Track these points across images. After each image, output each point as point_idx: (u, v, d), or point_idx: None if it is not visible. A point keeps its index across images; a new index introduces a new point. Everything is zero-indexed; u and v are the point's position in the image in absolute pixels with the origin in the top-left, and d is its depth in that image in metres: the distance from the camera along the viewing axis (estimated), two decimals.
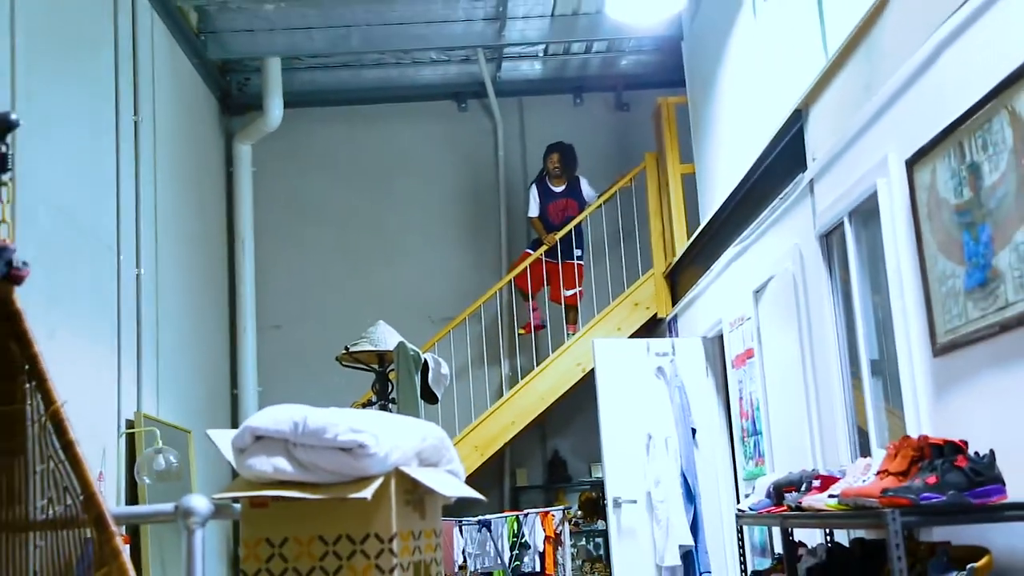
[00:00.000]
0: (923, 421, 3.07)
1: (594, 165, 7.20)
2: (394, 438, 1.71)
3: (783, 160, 4.30)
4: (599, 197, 7.01)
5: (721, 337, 5.52)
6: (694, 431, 5.79)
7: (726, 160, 5.48)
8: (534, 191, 6.91)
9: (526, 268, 6.78)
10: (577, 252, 6.93)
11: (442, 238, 7.73)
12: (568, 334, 6.86)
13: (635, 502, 5.59)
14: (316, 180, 7.75)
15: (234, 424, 7.08)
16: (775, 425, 4.56)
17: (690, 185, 6.38)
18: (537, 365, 6.81)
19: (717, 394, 5.85)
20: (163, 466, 4.78)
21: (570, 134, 7.56)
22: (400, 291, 7.58)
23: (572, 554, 6.22)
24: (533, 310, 6.77)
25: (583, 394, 6.70)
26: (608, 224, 7.02)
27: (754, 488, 3.75)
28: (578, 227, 6.89)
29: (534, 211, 6.97)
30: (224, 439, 1.88)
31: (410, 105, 7.83)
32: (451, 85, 7.74)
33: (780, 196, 4.29)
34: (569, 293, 6.86)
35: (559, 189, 6.95)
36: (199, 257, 6.72)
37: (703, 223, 5.70)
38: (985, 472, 2.45)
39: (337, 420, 1.70)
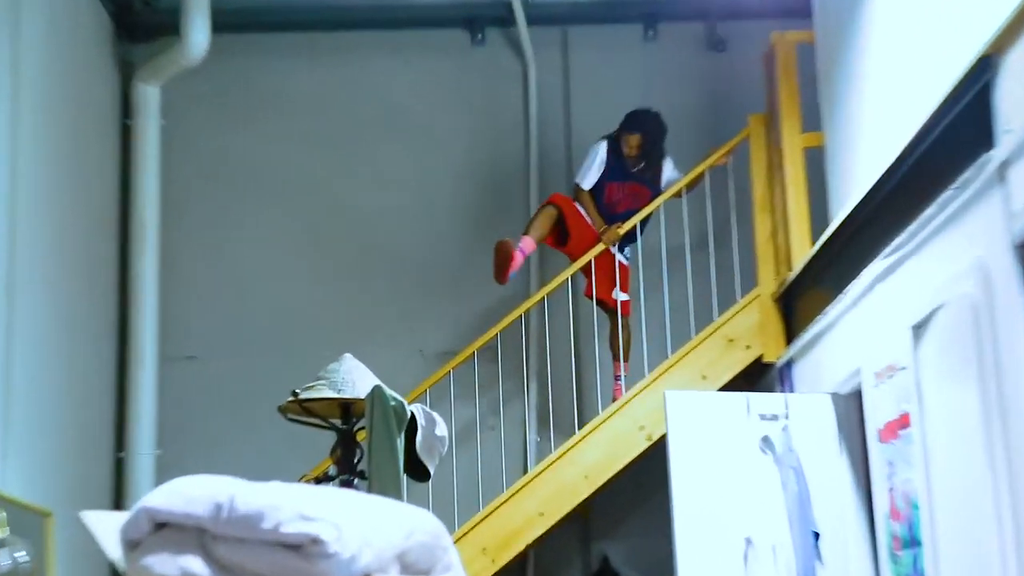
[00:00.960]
0: None
1: (672, 131, 7.27)
2: (365, 531, 1.74)
3: (960, 132, 4.29)
4: (682, 178, 7.10)
5: (860, 395, 5.51)
6: (817, 536, 5.81)
7: (872, 129, 5.50)
8: (602, 151, 7.03)
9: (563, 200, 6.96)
10: (625, 250, 7.06)
11: (444, 232, 7.84)
12: (617, 380, 6.94)
13: None
14: (257, 141, 7.86)
15: (119, 504, 7.16)
16: (945, 532, 4.51)
17: (816, 165, 6.41)
18: (580, 427, 6.86)
19: (854, 481, 5.84)
20: (7, 565, 4.78)
21: (637, 83, 7.61)
22: (379, 310, 7.70)
23: None
24: (520, 249, 6.79)
25: (647, 474, 6.75)
26: (692, 220, 7.05)
27: None
28: (640, 222, 7.01)
29: (588, 182, 7.07)
30: (106, 526, 1.87)
31: (401, 34, 7.93)
32: (463, 6, 7.86)
33: (954, 185, 4.27)
34: (623, 297, 6.98)
35: (634, 168, 7.09)
36: (74, 255, 6.81)
37: (835, 222, 5.71)
38: None
39: (280, 502, 1.72)
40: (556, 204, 6.94)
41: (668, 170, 7.10)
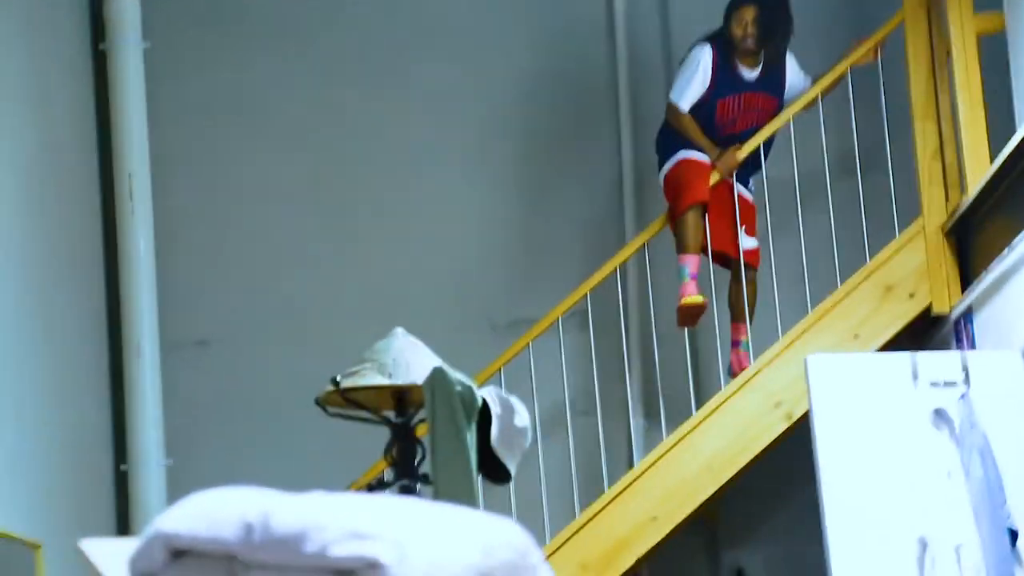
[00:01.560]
0: None
1: (807, 20, 7.18)
2: (432, 550, 1.76)
3: None
4: (814, 85, 7.04)
5: None
6: (1014, 535, 5.76)
7: None
8: (704, 58, 6.95)
9: (690, 185, 6.89)
10: (748, 183, 7.08)
11: (507, 170, 7.85)
12: (742, 345, 6.95)
13: None
14: (268, 67, 7.86)
15: (125, 528, 7.25)
16: None
17: (995, 56, 6.33)
18: (698, 407, 6.87)
19: None
20: None
21: None
22: (431, 274, 7.72)
23: None
24: (691, 277, 6.87)
25: (788, 462, 6.69)
26: (833, 136, 7.01)
27: None
28: (765, 142, 6.99)
29: (688, 100, 7.00)
30: (110, 557, 1.91)
31: None
32: None
33: None
34: (750, 244, 6.98)
35: (751, 74, 7.02)
36: (46, 224, 6.82)
37: (1022, 132, 5.67)
38: None
39: (325, 518, 1.74)
40: (699, 203, 6.86)
41: (794, 71, 7.06)
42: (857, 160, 6.94)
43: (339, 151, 7.83)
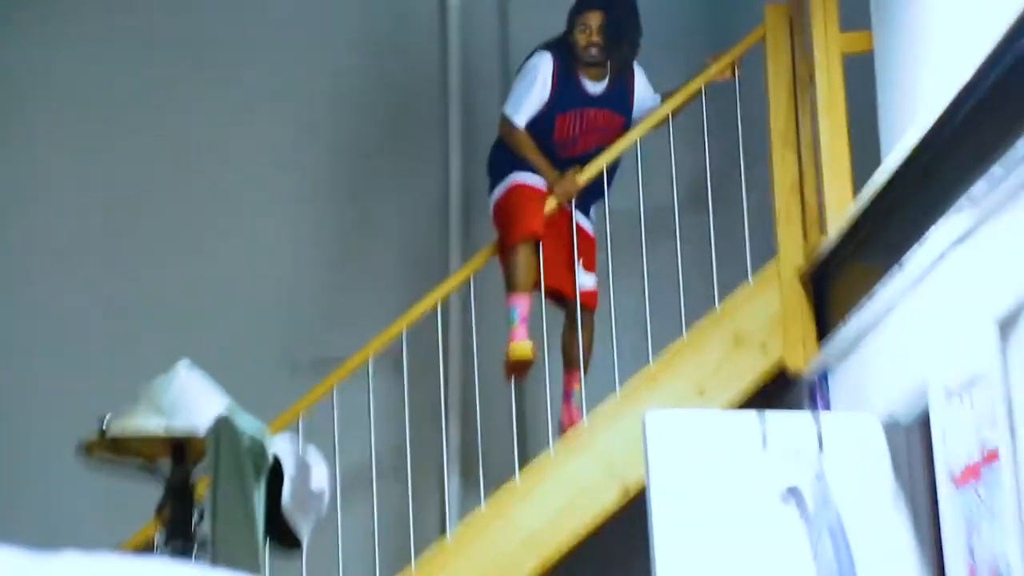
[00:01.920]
0: None
1: (657, 33, 7.27)
2: None
3: None
4: (664, 102, 7.13)
5: (926, 420, 5.52)
6: None
7: (946, 26, 5.49)
8: (544, 66, 7.02)
9: (522, 215, 6.93)
10: (589, 212, 7.14)
11: (319, 188, 7.94)
12: (575, 397, 7.01)
13: None
14: (56, 53, 7.88)
15: None
16: None
17: (861, 78, 6.44)
18: (522, 469, 6.86)
19: (917, 544, 5.86)
20: None
21: None
22: (225, 300, 7.77)
23: None
24: (521, 320, 6.91)
25: (623, 537, 6.77)
26: (683, 163, 7.07)
27: None
28: (609, 166, 7.05)
29: (524, 115, 7.02)
30: None
31: None
32: None
33: None
34: (589, 283, 7.02)
35: (595, 88, 7.09)
36: None
37: (889, 163, 5.71)
38: None
39: None
40: (532, 235, 6.89)
41: (642, 85, 7.14)
42: (709, 191, 7.03)
43: (130, 154, 7.86)
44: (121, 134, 7.82)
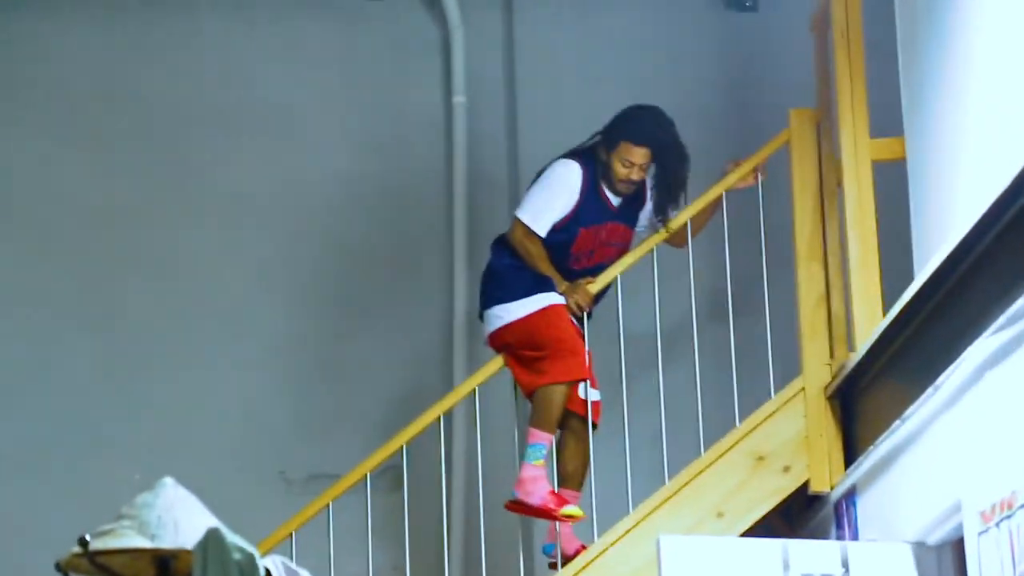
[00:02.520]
0: None
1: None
2: None
3: None
4: (685, 210, 7.10)
5: (959, 543, 5.49)
6: None
7: (982, 132, 5.49)
8: (573, 180, 6.99)
9: (571, 350, 6.88)
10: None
11: (315, 296, 7.95)
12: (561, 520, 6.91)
13: None
14: (24, 142, 7.90)
15: None
16: None
17: (891, 186, 6.48)
18: None
19: None
20: None
21: (618, 58, 7.73)
22: (214, 411, 7.78)
23: None
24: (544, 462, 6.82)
25: None
26: (701, 274, 7.07)
27: None
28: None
29: (543, 226, 7.00)
30: None
31: None
32: None
33: None
34: (594, 395, 6.98)
35: (616, 201, 7.08)
36: None
37: (921, 277, 5.69)
38: None
39: None
40: (583, 379, 6.88)
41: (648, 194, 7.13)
42: (730, 303, 6.96)
43: (109, 252, 7.86)
44: (93, 237, 7.89)
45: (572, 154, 7.02)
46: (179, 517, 4.72)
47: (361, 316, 7.91)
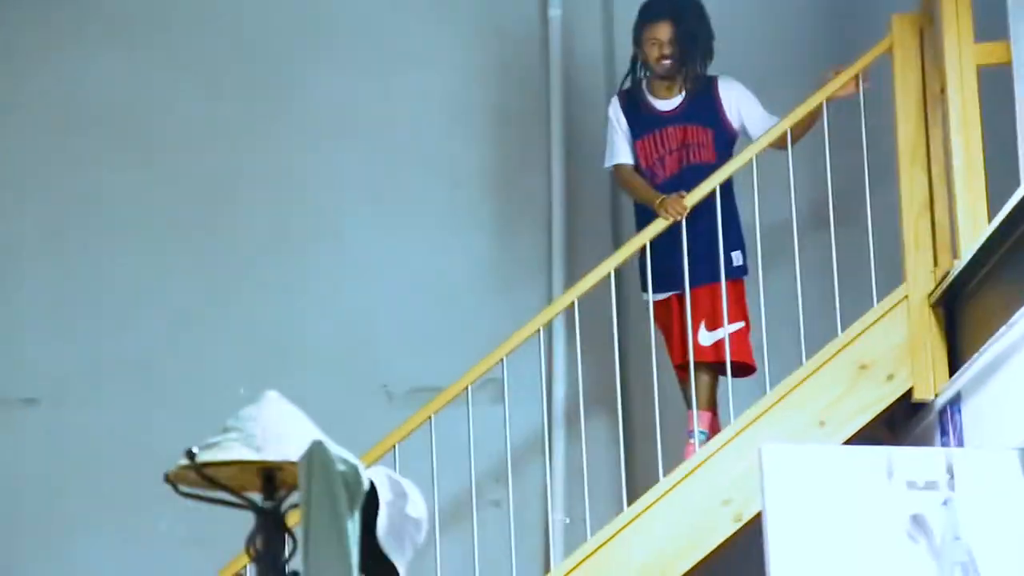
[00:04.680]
0: None
1: (769, 44, 7.34)
2: None
3: None
4: (781, 121, 7.03)
5: None
6: None
7: None
8: (613, 111, 7.28)
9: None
10: (735, 255, 7.07)
11: (415, 208, 7.92)
12: (697, 434, 6.98)
13: None
14: (122, 69, 7.93)
15: None
16: None
17: (997, 92, 6.41)
18: (630, 501, 6.85)
19: None
20: None
21: None
22: (315, 328, 7.81)
23: None
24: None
25: (737, 571, 6.66)
26: (802, 182, 7.03)
27: None
28: (724, 194, 6.99)
29: (617, 156, 7.25)
30: None
31: None
32: None
33: None
34: (711, 339, 6.99)
35: (668, 105, 7.17)
36: None
37: None
38: None
39: None
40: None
41: (738, 94, 7.13)
42: (831, 212, 6.94)
43: (212, 177, 7.92)
44: (195, 162, 7.90)
45: (622, 82, 7.32)
46: (284, 430, 4.73)
47: (462, 233, 7.93)
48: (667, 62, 7.06)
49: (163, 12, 7.97)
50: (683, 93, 7.15)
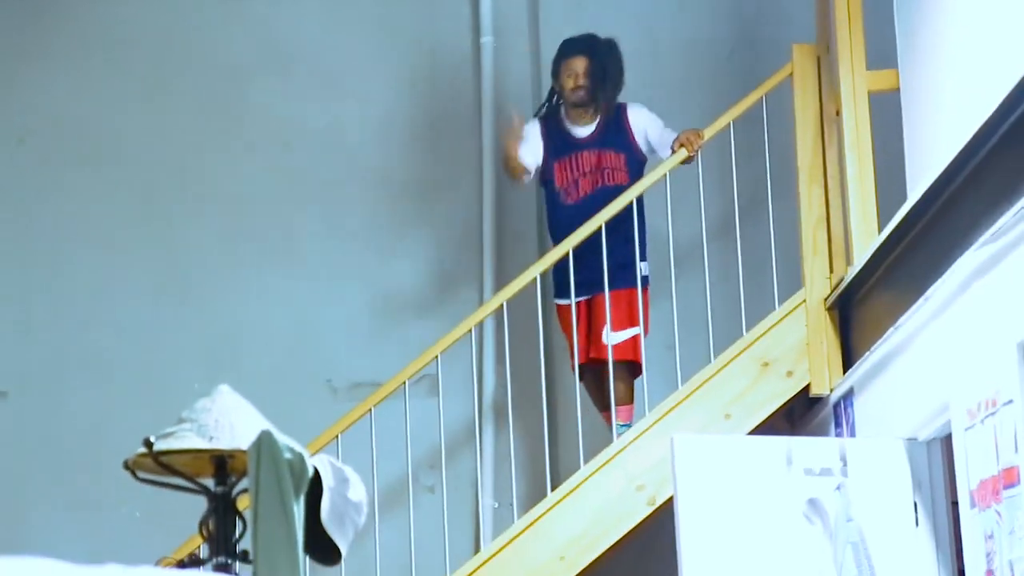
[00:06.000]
0: None
1: (682, 73, 7.38)
2: None
3: None
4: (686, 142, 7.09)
5: (948, 441, 5.56)
6: None
7: (968, 63, 5.50)
8: (532, 129, 7.30)
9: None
10: (643, 265, 7.06)
11: (356, 217, 7.92)
12: (617, 427, 6.98)
13: None
14: (75, 83, 7.89)
15: None
16: None
17: (887, 115, 6.49)
18: (554, 487, 6.85)
19: (938, 562, 5.88)
20: None
21: (635, 5, 7.71)
22: (264, 327, 7.78)
23: None
24: None
25: (649, 551, 6.76)
26: (710, 197, 7.08)
27: None
28: (637, 210, 6.98)
29: (530, 163, 7.27)
30: None
31: None
32: None
33: None
34: (620, 337, 7.02)
35: (584, 132, 7.24)
36: None
37: (913, 197, 5.72)
38: None
39: None
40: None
41: (643, 118, 7.18)
42: (736, 223, 7.02)
43: (168, 184, 7.85)
44: (149, 171, 7.84)
45: (541, 106, 7.38)
46: (235, 421, 4.67)
47: (399, 238, 7.87)
48: (581, 92, 7.13)
49: (120, 31, 7.89)
50: (597, 121, 7.21)
